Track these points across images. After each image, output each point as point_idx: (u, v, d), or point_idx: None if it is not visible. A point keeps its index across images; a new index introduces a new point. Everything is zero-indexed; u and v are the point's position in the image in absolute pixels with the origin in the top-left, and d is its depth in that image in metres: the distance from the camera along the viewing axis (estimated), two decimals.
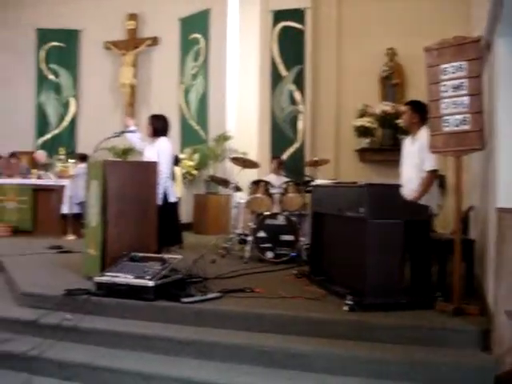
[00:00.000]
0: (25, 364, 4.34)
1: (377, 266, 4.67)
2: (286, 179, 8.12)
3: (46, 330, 4.65)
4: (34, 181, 11.14)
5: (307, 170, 9.91)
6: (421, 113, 5.52)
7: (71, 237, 10.04)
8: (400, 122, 9.47)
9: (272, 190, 7.73)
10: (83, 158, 10.89)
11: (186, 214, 10.71)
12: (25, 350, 4.40)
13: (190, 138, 12.99)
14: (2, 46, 15.29)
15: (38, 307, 5.05)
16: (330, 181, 6.55)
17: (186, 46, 13.48)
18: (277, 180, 8.23)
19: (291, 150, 11.50)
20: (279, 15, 11.80)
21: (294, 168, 10.23)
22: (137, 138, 7.08)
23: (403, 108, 6.02)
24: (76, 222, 10.28)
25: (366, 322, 4.37)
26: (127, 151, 12.96)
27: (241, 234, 7.98)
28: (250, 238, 7.41)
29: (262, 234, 7.35)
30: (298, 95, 11.57)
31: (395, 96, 10.93)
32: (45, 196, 10.70)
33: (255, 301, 4.93)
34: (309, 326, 4.42)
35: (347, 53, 11.44)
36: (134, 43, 14.45)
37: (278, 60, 11.72)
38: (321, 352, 4.08)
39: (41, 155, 12.29)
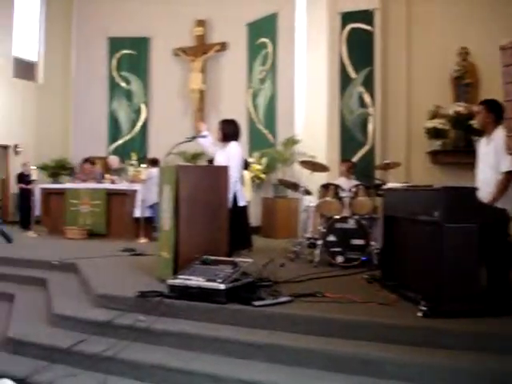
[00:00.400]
0: (100, 364, 4.43)
1: (452, 271, 4.54)
2: (356, 182, 8.03)
3: (120, 331, 4.75)
4: (107, 185, 11.44)
5: (377, 173, 9.77)
6: (496, 112, 5.33)
7: (143, 240, 10.24)
8: (473, 122, 9.21)
9: (342, 194, 7.65)
10: (155, 162, 11.10)
11: (254, 218, 10.75)
12: (100, 350, 4.50)
13: (258, 141, 13.05)
14: (77, 55, 15.81)
15: (112, 308, 5.17)
16: (401, 184, 6.43)
17: (254, 50, 13.55)
18: (347, 183, 8.15)
19: (361, 152, 11.36)
20: (347, 17, 11.70)
21: (364, 171, 10.11)
22: (209, 143, 7.16)
23: (477, 108, 5.83)
24: (148, 225, 10.50)
25: (441, 328, 4.24)
26: (197, 156, 13.14)
27: (310, 238, 7.94)
28: (319, 242, 7.36)
29: (331, 237, 7.28)
30: (367, 97, 11.43)
31: (467, 96, 10.64)
32: (118, 200, 10.97)
33: (326, 305, 4.88)
34: (381, 331, 4.33)
35: (417, 53, 11.22)
36: (202, 49, 14.65)
37: (347, 62, 11.61)
38: (393, 358, 3.99)
39: (114, 160, 12.61)
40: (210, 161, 10.98)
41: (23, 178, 13.56)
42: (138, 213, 10.59)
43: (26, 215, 12.52)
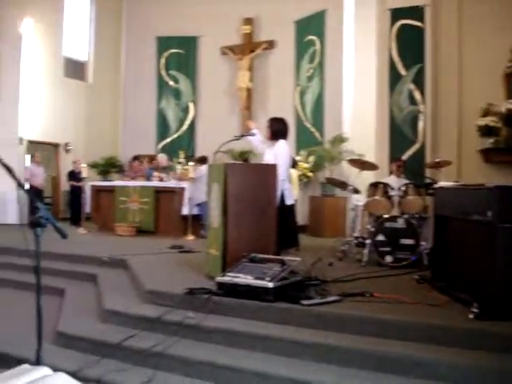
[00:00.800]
0: (149, 360, 4.47)
1: (505, 272, 4.41)
2: (406, 181, 7.91)
3: (170, 328, 4.78)
4: (155, 183, 11.57)
5: (428, 172, 9.59)
6: None
7: (190, 237, 10.32)
8: None
9: (391, 193, 7.55)
10: (203, 160, 11.17)
11: (301, 217, 10.71)
12: (149, 346, 4.54)
13: (305, 140, 13.00)
14: (126, 54, 16.04)
15: (161, 305, 5.21)
16: (453, 183, 6.29)
17: (302, 48, 13.50)
18: (397, 182, 8.03)
19: (411, 151, 11.17)
20: (397, 13, 11.52)
21: (414, 170, 9.94)
22: (258, 141, 7.16)
23: None
24: (195, 223, 10.57)
25: (492, 330, 4.13)
26: (244, 154, 13.17)
27: (358, 237, 7.86)
28: (368, 242, 7.27)
29: (380, 237, 7.19)
30: (417, 94, 11.23)
31: None
32: (166, 198, 11.08)
33: (375, 305, 4.81)
34: (432, 333, 4.24)
35: (469, 50, 10.96)
36: (250, 47, 14.67)
37: (397, 59, 11.44)
38: (444, 360, 3.91)
39: (162, 158, 12.75)
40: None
41: (74, 175, 13.83)
42: (185, 210, 10.67)
43: (77, 212, 12.77)
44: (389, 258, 7.11)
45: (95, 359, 4.58)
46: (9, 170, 2.02)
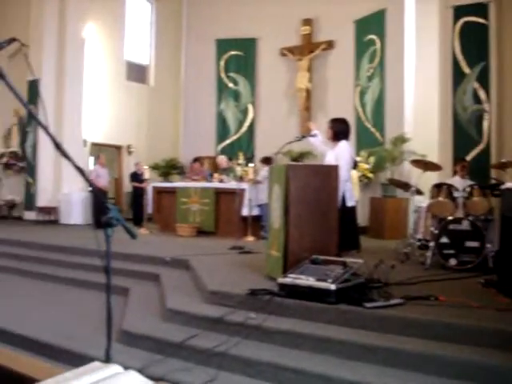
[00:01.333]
0: (212, 359, 4.51)
1: None
2: (471, 182, 7.72)
3: (232, 328, 4.81)
4: (216, 184, 11.67)
5: (493, 173, 9.34)
6: None
7: (250, 238, 10.36)
8: None
9: (455, 194, 7.38)
10: (267, 160, 11.18)
11: (361, 218, 10.60)
12: (212, 345, 4.58)
13: (365, 140, 12.87)
14: (186, 57, 16.26)
15: (223, 305, 5.25)
16: None
17: (362, 47, 13.38)
18: (461, 183, 7.85)
19: (475, 151, 10.88)
20: (460, 10, 11.26)
21: (479, 170, 9.69)
22: (319, 142, 7.13)
23: None
24: (255, 224, 10.61)
25: None
26: (303, 155, 13.14)
27: (421, 239, 7.72)
28: (431, 244, 7.13)
29: (444, 239, 7.03)
30: (482, 93, 10.93)
31: None
32: (226, 199, 11.16)
33: (440, 309, 4.71)
34: (499, 338, 4.13)
35: None
36: (309, 48, 14.63)
37: (460, 57, 11.17)
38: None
39: (222, 160, 12.85)
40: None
41: (136, 177, 14.09)
42: (245, 211, 10.72)
43: (139, 213, 13.02)
44: (453, 261, 6.95)
45: (159, 358, 4.65)
46: (81, 172, 2.07)
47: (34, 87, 13.88)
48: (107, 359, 2.16)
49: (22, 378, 1.94)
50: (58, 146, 2.00)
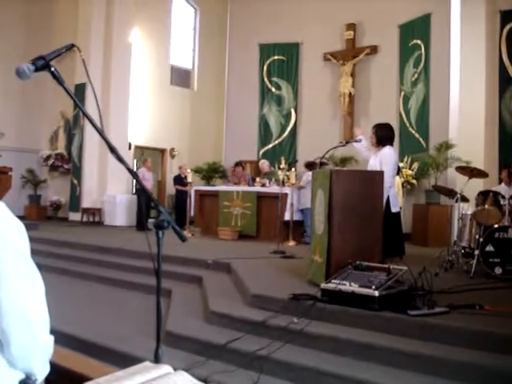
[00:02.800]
0: (254, 363, 4.53)
1: None
2: None
3: (274, 332, 4.83)
4: (258, 188, 11.71)
5: None
6: None
7: (292, 243, 10.36)
8: None
9: (502, 202, 7.25)
10: (310, 165, 11.17)
11: (404, 225, 10.48)
12: (254, 349, 4.60)
13: (409, 146, 12.74)
14: (229, 62, 16.36)
15: (266, 309, 5.27)
16: None
17: (406, 52, 13.26)
18: (507, 191, 7.71)
19: None
20: (508, 15, 11.07)
21: None
22: (363, 148, 7.10)
23: None
24: (297, 229, 10.60)
25: None
26: (345, 160, 13.08)
27: (465, 247, 7.60)
28: (476, 252, 7.01)
29: (490, 247, 6.91)
30: None
31: None
32: (268, 203, 11.18)
33: (486, 319, 4.64)
34: None
35: None
36: (352, 53, 14.57)
37: (507, 63, 10.98)
38: None
39: (264, 164, 12.89)
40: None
41: (180, 180, 14.24)
42: (287, 216, 10.72)
43: (182, 216, 13.14)
44: (498, 270, 6.82)
45: (201, 360, 4.69)
46: (135, 175, 2.12)
47: (81, 91, 14.16)
48: (156, 360, 2.20)
49: (76, 375, 2.00)
50: (112, 150, 2.06)
